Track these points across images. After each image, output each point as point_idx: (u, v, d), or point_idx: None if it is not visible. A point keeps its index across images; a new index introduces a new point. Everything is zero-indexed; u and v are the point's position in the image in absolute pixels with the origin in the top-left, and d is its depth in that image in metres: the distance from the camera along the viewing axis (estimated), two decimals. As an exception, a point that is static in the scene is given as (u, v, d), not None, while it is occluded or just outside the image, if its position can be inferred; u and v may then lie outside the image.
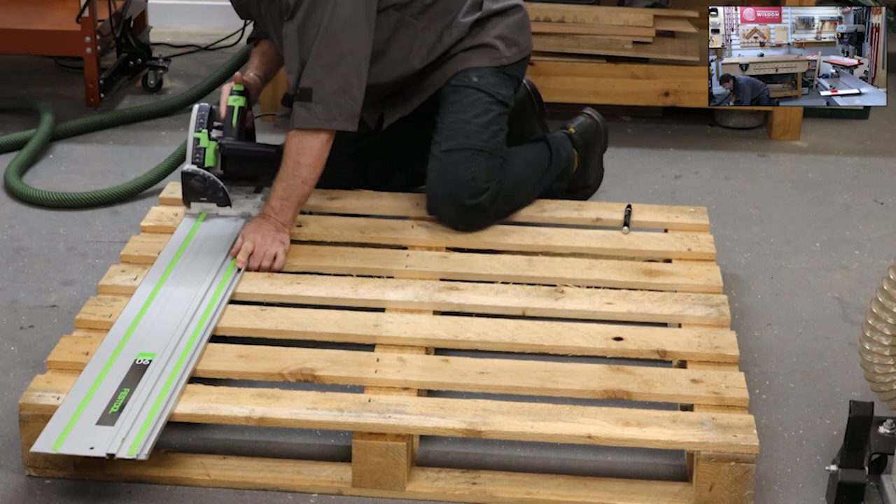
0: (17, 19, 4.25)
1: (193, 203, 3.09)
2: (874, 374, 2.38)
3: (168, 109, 4.19)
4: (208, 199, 3.08)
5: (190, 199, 3.09)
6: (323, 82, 2.90)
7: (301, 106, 2.91)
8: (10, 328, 2.97)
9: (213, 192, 3.06)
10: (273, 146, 3.11)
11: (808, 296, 3.19)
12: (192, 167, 3.07)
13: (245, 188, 3.17)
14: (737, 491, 2.37)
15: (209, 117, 3.11)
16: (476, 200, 3.04)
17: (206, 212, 3.09)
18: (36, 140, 3.83)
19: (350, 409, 2.43)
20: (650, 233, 3.13)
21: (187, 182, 3.06)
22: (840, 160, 3.99)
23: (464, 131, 3.09)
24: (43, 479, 2.45)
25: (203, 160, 3.08)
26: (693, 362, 2.62)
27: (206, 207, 3.09)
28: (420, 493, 2.42)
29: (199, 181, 3.06)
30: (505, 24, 3.19)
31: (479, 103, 3.12)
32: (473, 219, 3.07)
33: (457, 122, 3.10)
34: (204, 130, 3.09)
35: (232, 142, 3.09)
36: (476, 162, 3.06)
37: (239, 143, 3.11)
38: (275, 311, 2.76)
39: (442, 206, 3.08)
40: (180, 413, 2.41)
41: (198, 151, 3.08)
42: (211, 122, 3.11)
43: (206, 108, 3.13)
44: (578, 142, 3.35)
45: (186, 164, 3.08)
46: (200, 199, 3.08)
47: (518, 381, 2.53)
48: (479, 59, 3.15)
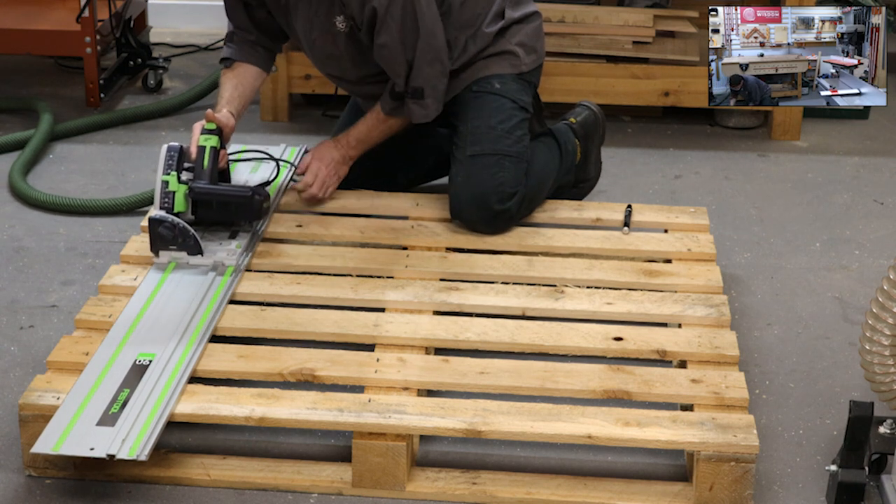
0: (17, 19, 4.25)
1: (162, 252, 2.87)
2: (874, 374, 2.38)
3: (168, 109, 4.19)
4: (178, 248, 2.86)
5: (158, 247, 2.87)
6: (430, 77, 3.02)
7: (416, 104, 3.05)
8: (10, 328, 2.97)
9: (184, 240, 2.85)
10: (249, 188, 2.97)
11: (808, 296, 3.19)
12: (160, 213, 2.86)
13: (219, 234, 2.97)
14: (737, 491, 2.37)
15: (179, 158, 2.92)
16: (505, 206, 3.05)
17: (175, 261, 2.88)
18: (37, 139, 3.83)
19: (350, 409, 2.43)
20: (650, 233, 3.13)
21: (155, 229, 2.84)
22: (840, 160, 3.99)
23: (490, 137, 3.09)
24: (43, 479, 2.45)
25: (172, 205, 2.88)
26: (693, 362, 2.62)
27: (175, 256, 2.88)
28: (420, 493, 2.42)
29: (167, 228, 2.84)
30: (525, 31, 3.21)
31: (503, 109, 3.13)
32: (501, 224, 3.08)
33: (482, 128, 3.10)
34: (173, 173, 2.90)
35: (203, 185, 2.91)
36: (503, 167, 3.07)
37: (211, 187, 2.92)
38: (275, 311, 2.76)
39: (469, 210, 3.07)
40: (180, 413, 2.41)
41: (166, 196, 2.88)
42: (181, 164, 2.92)
43: (175, 148, 2.94)
44: (580, 132, 3.36)
45: (154, 210, 2.89)
46: (169, 248, 2.86)
47: (518, 381, 2.53)
48: (500, 65, 3.17)
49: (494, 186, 3.04)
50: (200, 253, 2.87)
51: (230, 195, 2.96)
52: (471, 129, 3.11)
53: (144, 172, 3.77)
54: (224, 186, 3.00)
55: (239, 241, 2.94)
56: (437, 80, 3.05)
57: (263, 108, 4.15)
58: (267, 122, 4.15)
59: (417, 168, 3.41)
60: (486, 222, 3.07)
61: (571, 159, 3.31)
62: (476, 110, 3.13)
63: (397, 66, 3.00)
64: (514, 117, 3.14)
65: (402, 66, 3.00)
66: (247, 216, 2.96)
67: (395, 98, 3.08)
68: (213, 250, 2.90)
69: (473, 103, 3.14)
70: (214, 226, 2.99)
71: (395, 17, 2.92)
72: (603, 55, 4.03)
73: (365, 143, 3.17)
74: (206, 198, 2.92)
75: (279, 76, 4.09)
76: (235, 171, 3.27)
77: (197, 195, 2.91)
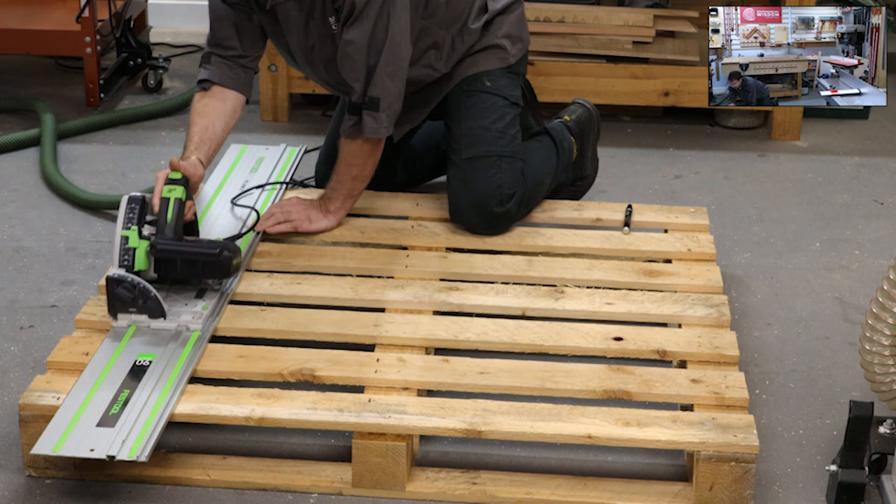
0: (17, 19, 4.25)
1: (121, 315, 2.63)
2: (874, 374, 2.38)
3: (168, 109, 4.19)
4: (138, 311, 2.62)
5: (117, 310, 2.62)
6: (388, 90, 2.90)
7: (369, 115, 2.90)
8: (10, 328, 2.97)
9: (144, 302, 2.61)
10: (217, 243, 2.71)
11: (808, 296, 3.19)
12: (119, 272, 2.62)
13: (184, 293, 2.73)
14: (737, 491, 2.37)
15: (140, 210, 2.68)
16: (504, 208, 3.04)
17: (135, 325, 2.63)
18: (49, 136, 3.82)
19: (350, 409, 2.43)
20: (650, 233, 3.13)
21: (113, 290, 2.60)
22: (840, 160, 3.99)
23: (484, 138, 3.08)
24: (43, 480, 2.45)
25: (132, 263, 2.64)
26: (693, 362, 2.62)
27: (135, 320, 2.63)
28: (420, 493, 2.42)
29: (126, 289, 2.60)
30: (509, 21, 3.17)
31: (495, 108, 3.11)
32: (500, 225, 3.08)
33: (476, 129, 3.09)
34: (134, 227, 2.66)
35: (166, 242, 2.65)
36: (501, 168, 3.06)
37: (175, 244, 2.67)
38: (275, 311, 2.76)
39: (468, 213, 3.06)
40: (180, 413, 2.41)
41: (126, 252, 2.64)
42: (142, 217, 2.68)
43: (137, 200, 2.69)
44: (575, 129, 3.35)
45: (112, 268, 2.66)
46: (129, 311, 2.62)
47: (518, 381, 2.53)
48: (489, 60, 3.14)
49: (493, 189, 3.04)
50: (163, 316, 2.63)
51: (196, 253, 2.68)
52: (465, 130, 3.10)
53: (144, 172, 3.78)
54: (190, 243, 2.71)
55: (206, 301, 2.71)
56: (393, 98, 2.91)
57: (263, 108, 4.15)
58: (267, 122, 4.15)
59: (416, 166, 3.41)
60: (486, 225, 3.06)
61: (568, 157, 3.30)
62: (468, 110, 3.11)
63: (357, 68, 2.88)
64: (507, 115, 3.12)
65: (362, 70, 2.88)
66: (214, 275, 2.71)
67: (353, 112, 2.93)
68: (178, 312, 2.66)
69: (465, 103, 3.12)
70: (179, 284, 2.75)
71: (369, 15, 2.83)
72: (603, 55, 4.03)
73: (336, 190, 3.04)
74: (170, 255, 2.66)
75: (279, 76, 4.10)
76: (223, 191, 3.22)
77: (159, 253, 2.65)
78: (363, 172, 3.03)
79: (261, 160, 3.43)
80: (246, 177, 3.32)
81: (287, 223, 3.04)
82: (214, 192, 3.23)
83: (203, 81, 3.03)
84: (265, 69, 4.08)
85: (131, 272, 2.63)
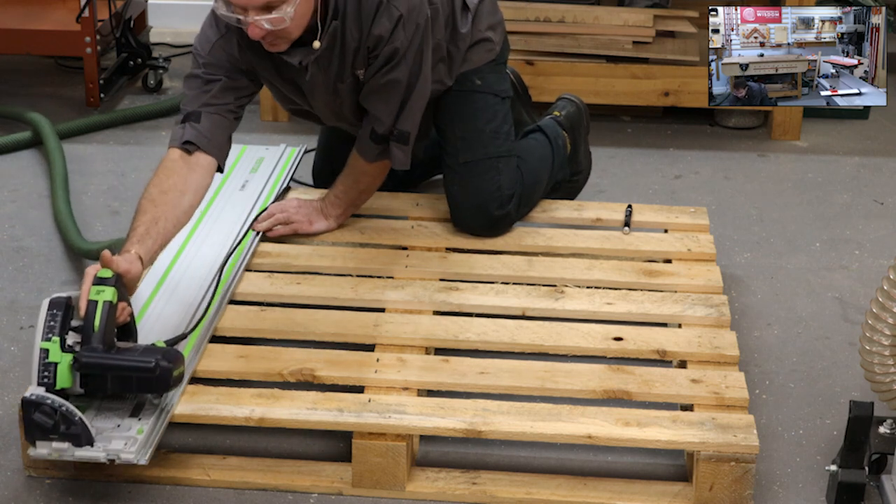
0: (17, 19, 4.25)
1: (40, 442, 2.26)
2: (874, 374, 2.38)
3: (168, 109, 4.18)
4: (60, 438, 2.25)
5: (35, 437, 2.26)
6: (415, 124, 2.92)
7: (398, 148, 2.92)
8: (10, 328, 2.97)
9: (67, 427, 2.24)
10: (154, 351, 2.32)
11: (808, 296, 3.19)
12: (38, 392, 2.24)
13: (116, 409, 2.36)
14: (737, 491, 2.37)
15: (64, 316, 2.30)
16: (504, 210, 3.05)
17: (58, 453, 2.27)
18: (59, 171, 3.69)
19: (350, 409, 2.43)
20: (650, 233, 3.13)
21: (29, 415, 2.24)
22: (840, 160, 3.99)
23: (480, 140, 3.07)
24: (43, 480, 2.45)
25: (54, 381, 2.26)
26: (693, 362, 2.62)
27: (57, 448, 2.26)
28: (420, 493, 2.42)
29: (46, 413, 2.23)
30: (485, 9, 3.10)
31: (487, 107, 3.10)
32: (502, 227, 3.08)
33: (471, 131, 3.08)
34: (55, 338, 2.28)
35: (93, 355, 2.28)
36: (499, 170, 3.06)
37: (104, 356, 2.28)
38: (275, 311, 2.76)
39: (470, 218, 3.06)
40: (180, 413, 2.41)
41: (46, 368, 2.26)
42: (65, 324, 2.30)
43: (59, 304, 2.31)
44: (566, 125, 3.34)
45: (30, 388, 2.28)
46: (49, 437, 2.25)
47: (518, 381, 2.53)
48: (479, 55, 3.09)
49: (492, 192, 3.03)
50: (90, 443, 2.26)
51: (128, 367, 2.30)
52: (459, 134, 3.08)
53: (144, 172, 3.76)
54: (121, 355, 2.32)
55: (142, 422, 2.34)
56: (415, 129, 2.92)
57: (263, 108, 4.15)
58: (267, 122, 4.15)
59: (419, 156, 3.37)
60: (487, 228, 3.07)
61: (563, 153, 3.29)
62: (461, 112, 3.09)
63: (392, 103, 2.87)
64: (499, 112, 3.11)
65: (396, 105, 2.88)
66: (152, 390, 2.33)
67: (378, 141, 2.92)
68: (108, 437, 2.29)
69: (457, 104, 3.09)
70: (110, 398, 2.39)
71: (410, 54, 2.83)
72: (603, 55, 4.03)
73: (341, 198, 3.04)
74: (97, 371, 2.29)
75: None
76: (223, 191, 3.19)
77: (84, 368, 2.29)
78: (371, 188, 3.07)
79: (261, 160, 3.43)
80: (246, 177, 3.32)
81: (287, 225, 3.04)
82: (214, 193, 3.22)
83: (187, 144, 2.74)
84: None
85: (52, 391, 2.27)
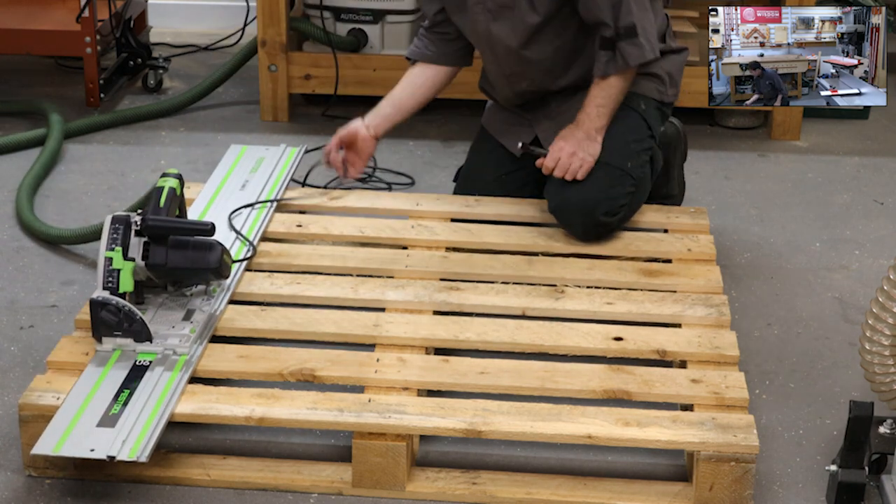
0: (17, 19, 4.25)
1: (105, 338, 2.57)
2: (874, 374, 2.38)
3: (168, 109, 4.19)
4: (123, 334, 2.55)
5: (101, 333, 2.56)
6: (640, 17, 2.95)
7: (629, 44, 2.95)
8: (10, 328, 2.97)
9: (129, 325, 2.54)
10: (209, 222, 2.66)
11: (808, 296, 3.19)
12: (104, 294, 2.54)
13: (171, 315, 2.66)
14: (737, 491, 2.37)
15: (125, 231, 2.58)
16: (610, 219, 3.03)
17: (120, 349, 2.57)
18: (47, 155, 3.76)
19: (350, 409, 2.43)
20: (650, 233, 3.13)
21: (97, 313, 2.53)
22: (840, 160, 3.99)
23: (623, 151, 3.06)
24: (43, 480, 2.45)
25: (117, 285, 2.55)
26: (693, 362, 2.62)
27: (120, 343, 2.57)
28: (420, 493, 2.42)
29: (111, 312, 2.53)
30: (675, 62, 3.19)
31: (640, 130, 3.11)
32: (601, 233, 3.06)
33: (618, 139, 3.07)
34: (118, 248, 2.57)
35: (158, 217, 2.61)
36: (623, 183, 3.05)
37: (166, 219, 2.63)
38: (275, 311, 2.76)
39: (574, 213, 3.04)
40: (180, 413, 2.41)
41: (110, 274, 2.55)
42: (127, 238, 2.58)
43: (121, 220, 2.59)
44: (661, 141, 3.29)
45: (97, 291, 2.57)
46: (114, 334, 2.56)
47: (518, 381, 2.53)
48: (648, 87, 3.14)
49: (607, 198, 3.02)
50: (149, 339, 2.57)
51: (191, 228, 2.66)
52: (607, 136, 3.06)
53: (144, 172, 3.78)
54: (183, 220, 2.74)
55: (194, 323, 2.63)
56: (646, 22, 2.98)
57: (263, 108, 4.15)
58: (267, 122, 4.15)
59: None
60: (587, 229, 3.04)
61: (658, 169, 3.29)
62: (616, 118, 3.07)
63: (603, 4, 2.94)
64: (646, 142, 3.13)
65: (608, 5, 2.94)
66: (206, 262, 2.63)
67: (607, 47, 2.98)
68: (164, 335, 2.59)
69: (617, 114, 3.08)
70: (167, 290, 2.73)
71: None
72: (603, 55, 4.02)
73: (604, 106, 3.03)
74: (162, 232, 2.60)
75: (279, 76, 4.10)
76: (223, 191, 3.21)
77: (149, 229, 2.58)
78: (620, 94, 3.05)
79: (261, 160, 3.43)
80: (246, 177, 3.32)
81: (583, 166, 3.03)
82: (214, 193, 3.23)
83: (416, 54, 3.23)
84: (265, 69, 4.08)
85: (116, 294, 2.56)
